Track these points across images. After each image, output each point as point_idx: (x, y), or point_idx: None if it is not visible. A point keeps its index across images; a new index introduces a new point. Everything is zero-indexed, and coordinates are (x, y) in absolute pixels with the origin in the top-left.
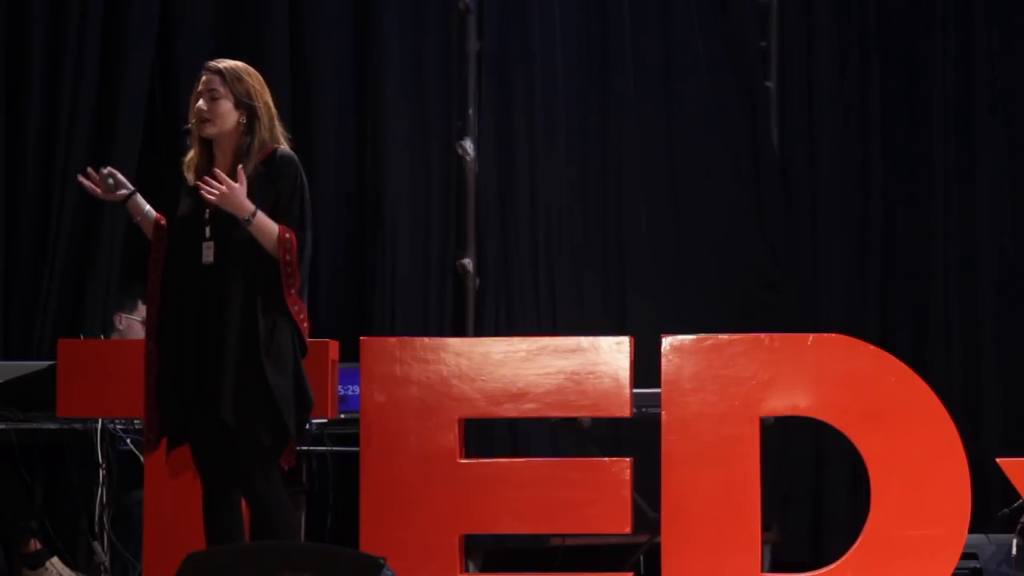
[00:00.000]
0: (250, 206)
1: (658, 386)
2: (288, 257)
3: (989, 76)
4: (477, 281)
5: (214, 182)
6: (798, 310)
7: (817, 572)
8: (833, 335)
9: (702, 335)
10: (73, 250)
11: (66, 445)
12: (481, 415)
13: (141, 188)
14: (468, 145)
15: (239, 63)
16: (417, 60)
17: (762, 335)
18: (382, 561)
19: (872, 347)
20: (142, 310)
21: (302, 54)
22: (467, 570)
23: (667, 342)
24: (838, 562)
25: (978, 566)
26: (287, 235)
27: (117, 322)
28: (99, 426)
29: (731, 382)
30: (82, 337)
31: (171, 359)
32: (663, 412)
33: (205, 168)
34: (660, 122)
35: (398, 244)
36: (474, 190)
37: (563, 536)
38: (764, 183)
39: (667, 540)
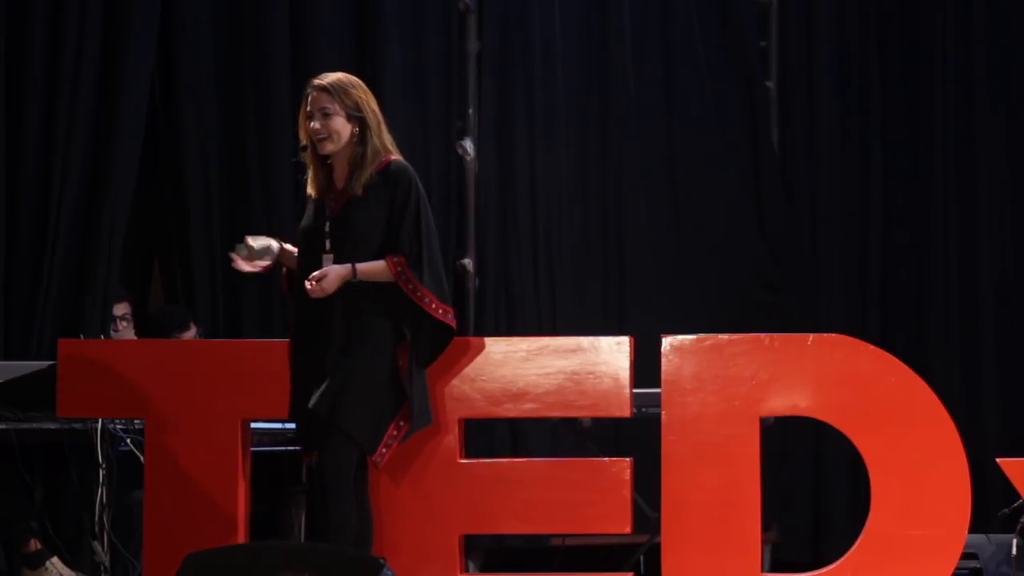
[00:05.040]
0: (346, 269)
1: (658, 386)
2: (404, 276)
3: (989, 76)
4: (477, 281)
5: (312, 283)
6: (798, 310)
7: (817, 572)
8: (833, 335)
9: (702, 335)
10: (72, 250)
11: (66, 445)
12: (481, 415)
13: (141, 187)
14: (468, 145)
15: (341, 75)
16: (417, 60)
17: (762, 335)
18: (382, 561)
19: (872, 347)
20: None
21: (302, 54)
22: (467, 570)
23: (667, 342)
24: (838, 562)
25: (978, 566)
26: (395, 260)
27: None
28: (99, 426)
29: (731, 382)
30: (82, 337)
31: (296, 370)
32: (663, 412)
33: (325, 182)
34: (660, 122)
35: None
36: (474, 190)
37: (563, 536)
38: (764, 183)
39: (667, 540)
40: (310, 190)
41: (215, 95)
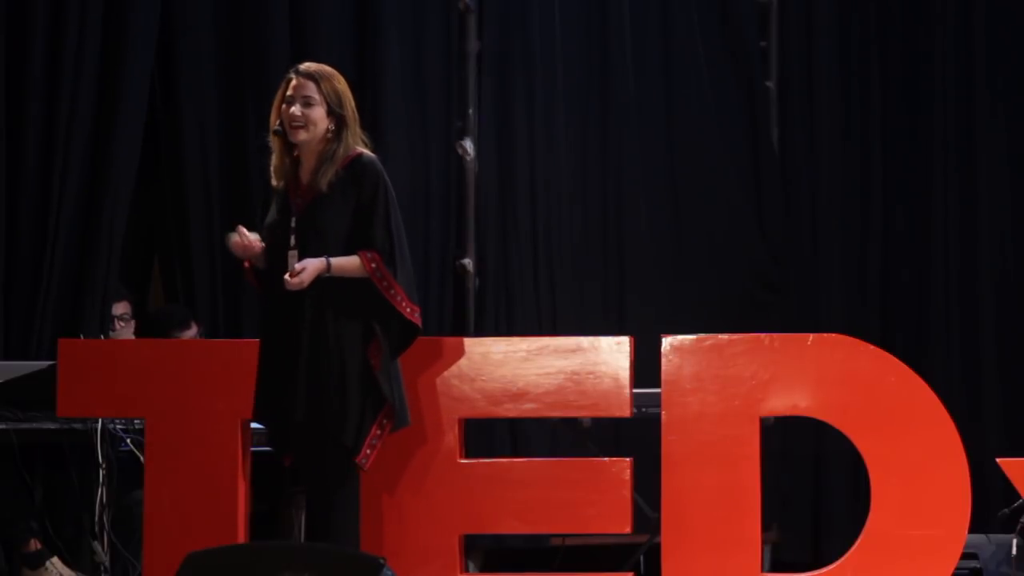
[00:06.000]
0: (321, 263)
1: (658, 386)
2: (380, 273)
3: (989, 76)
4: (477, 281)
5: (293, 276)
6: (798, 310)
7: (817, 572)
8: (833, 335)
9: (702, 335)
10: (72, 250)
11: (66, 445)
12: (481, 415)
13: (141, 188)
14: (468, 145)
15: (326, 67)
16: (417, 60)
17: (762, 335)
18: (382, 561)
19: (872, 347)
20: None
21: (302, 54)
22: (467, 570)
23: (667, 342)
24: (838, 562)
25: (978, 566)
26: (369, 256)
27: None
28: (99, 426)
29: (731, 382)
30: (82, 337)
31: (265, 370)
32: (663, 412)
33: (291, 172)
34: (660, 122)
35: None
36: (474, 190)
37: (563, 536)
38: (764, 183)
39: (667, 540)
40: (273, 180)
41: (215, 95)
